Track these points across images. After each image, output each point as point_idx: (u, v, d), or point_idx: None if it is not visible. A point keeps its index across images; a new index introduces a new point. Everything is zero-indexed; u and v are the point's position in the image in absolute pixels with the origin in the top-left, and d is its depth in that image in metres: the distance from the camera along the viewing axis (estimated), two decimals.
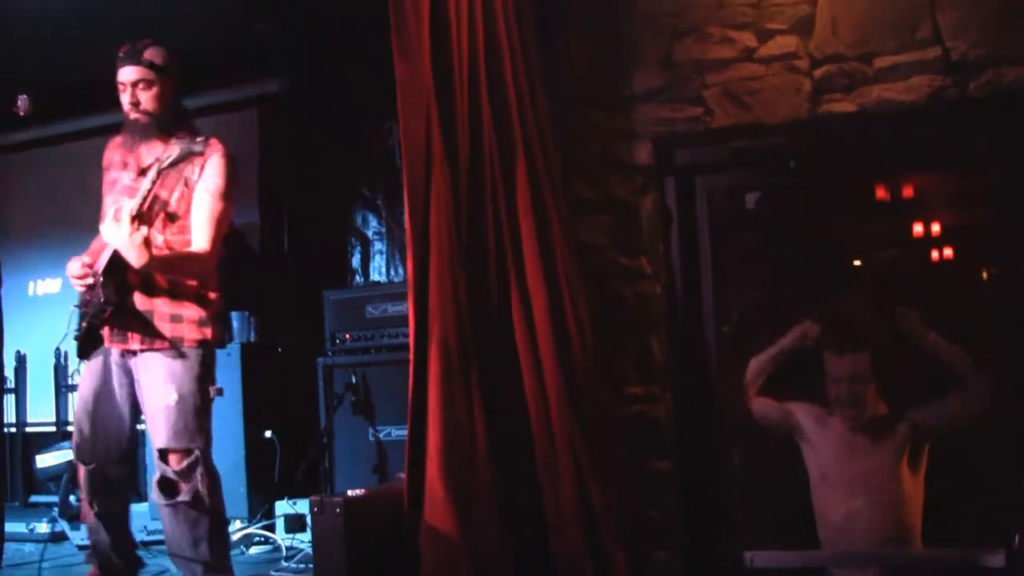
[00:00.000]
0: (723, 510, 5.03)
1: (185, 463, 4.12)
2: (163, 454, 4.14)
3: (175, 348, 4.16)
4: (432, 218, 4.19)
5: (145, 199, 4.06)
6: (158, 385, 4.15)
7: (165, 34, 6.37)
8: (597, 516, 4.17)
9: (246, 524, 5.84)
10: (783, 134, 4.95)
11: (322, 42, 6.75)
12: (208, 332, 4.25)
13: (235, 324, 6.24)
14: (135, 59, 4.25)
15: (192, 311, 4.22)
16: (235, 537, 5.70)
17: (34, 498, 7.54)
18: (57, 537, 5.99)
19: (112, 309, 4.12)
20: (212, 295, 4.30)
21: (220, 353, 6.00)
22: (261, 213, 7.30)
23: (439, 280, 4.11)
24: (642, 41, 5.13)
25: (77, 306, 4.25)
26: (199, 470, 4.12)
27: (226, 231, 4.33)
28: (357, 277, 7.04)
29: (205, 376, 4.22)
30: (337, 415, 5.79)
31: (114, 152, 4.44)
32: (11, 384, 7.68)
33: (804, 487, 4.72)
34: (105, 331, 4.23)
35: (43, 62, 6.70)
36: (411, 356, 4.16)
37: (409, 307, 4.20)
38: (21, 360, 7.71)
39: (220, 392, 4.32)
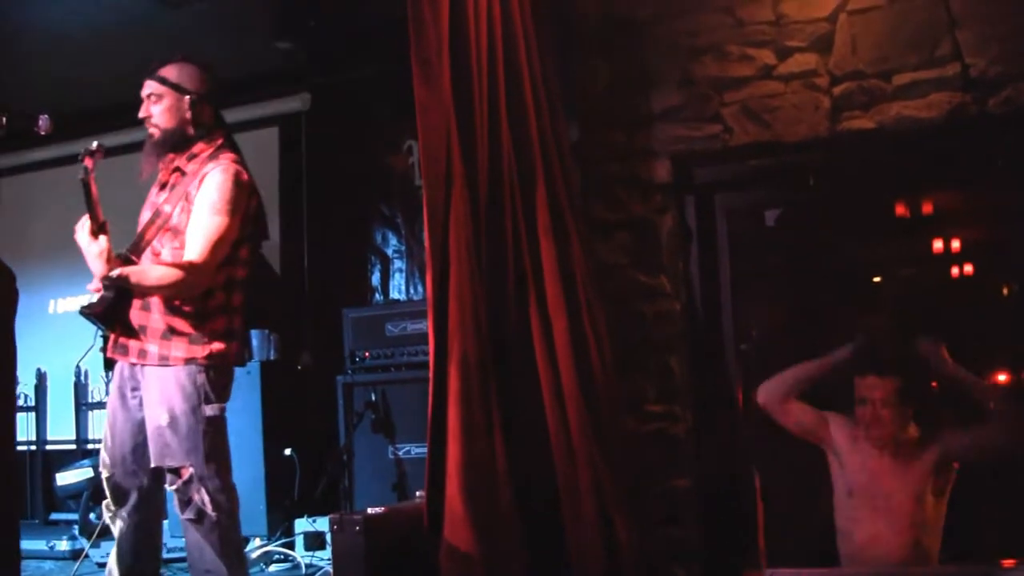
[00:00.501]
0: (743, 528, 5.01)
1: (179, 482, 4.09)
2: (171, 472, 4.13)
3: (164, 366, 4.12)
4: (452, 237, 4.19)
5: (93, 211, 4.00)
6: (153, 404, 4.13)
7: (187, 52, 6.50)
8: (618, 537, 4.15)
9: (265, 542, 5.85)
10: (802, 152, 4.94)
11: (344, 61, 6.78)
12: (199, 351, 4.15)
13: (255, 342, 6.25)
14: (150, 73, 4.29)
15: (185, 329, 4.15)
16: (254, 555, 5.71)
17: (55, 515, 7.57)
18: (77, 555, 6.00)
19: (109, 318, 4.10)
20: (211, 313, 4.21)
21: (240, 371, 6.06)
22: (282, 231, 7.33)
23: (459, 299, 4.11)
24: (660, 60, 5.14)
25: (86, 315, 4.16)
26: (195, 487, 4.08)
27: (226, 247, 4.17)
28: (377, 295, 7.05)
29: (198, 395, 4.13)
30: (357, 433, 5.80)
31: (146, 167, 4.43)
32: (32, 402, 7.72)
33: (825, 505, 4.71)
34: (109, 342, 4.23)
35: (64, 81, 6.75)
36: (431, 374, 4.16)
37: (429, 325, 4.20)
38: (41, 378, 7.75)
39: (222, 411, 4.21)
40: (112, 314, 4.11)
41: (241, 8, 6.06)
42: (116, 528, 4.31)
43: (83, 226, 4.03)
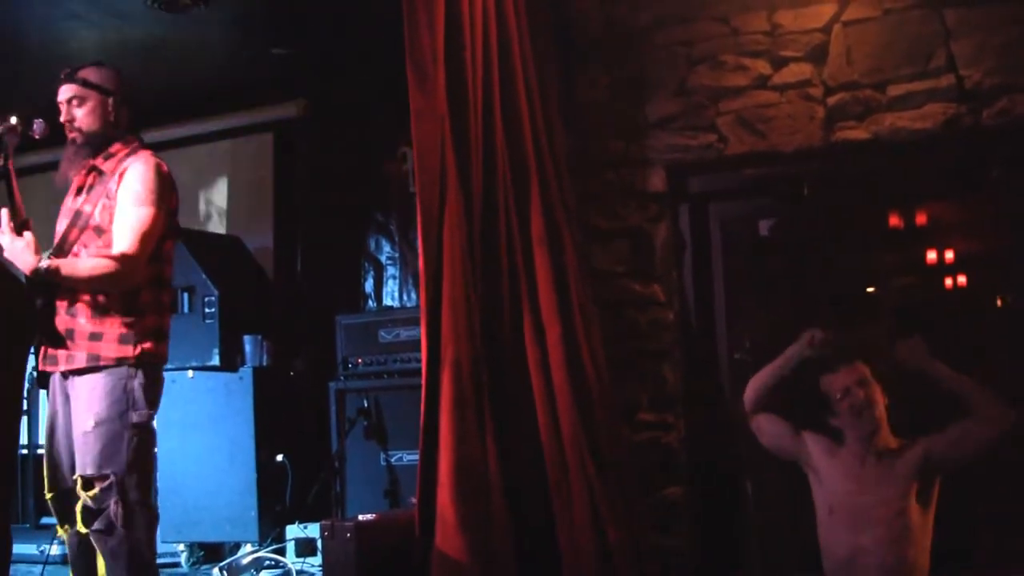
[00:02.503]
0: (736, 537, 5.01)
1: (99, 488, 3.90)
2: (84, 483, 3.93)
3: (94, 368, 3.98)
4: (446, 244, 4.19)
5: (14, 204, 3.94)
6: (80, 411, 3.98)
7: (183, 59, 6.50)
8: (610, 544, 4.15)
9: (256, 548, 5.83)
10: (797, 161, 4.96)
11: (339, 68, 6.77)
12: (129, 350, 4.00)
13: (248, 348, 6.23)
14: (69, 77, 4.19)
15: (114, 329, 4.00)
16: (245, 560, 5.70)
17: (45, 520, 7.53)
18: (68, 559, 5.97)
19: (39, 329, 3.98)
20: (140, 311, 4.06)
21: (232, 377, 6.09)
22: (275, 237, 7.32)
23: (452, 306, 4.11)
24: (657, 69, 5.16)
25: None
26: (113, 497, 3.89)
27: (154, 240, 4.04)
28: (370, 302, 7.04)
29: (127, 399, 3.98)
30: (349, 439, 5.78)
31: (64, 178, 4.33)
32: (23, 406, 7.69)
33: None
34: (40, 356, 4.09)
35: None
36: (423, 381, 4.16)
37: (422, 332, 4.20)
38: (33, 382, 7.71)
39: (150, 418, 4.04)
40: (41, 324, 3.99)
41: (237, 14, 6.05)
42: (68, 547, 4.13)
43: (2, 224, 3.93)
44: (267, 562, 5.74)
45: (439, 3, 4.30)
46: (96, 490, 3.91)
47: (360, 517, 4.20)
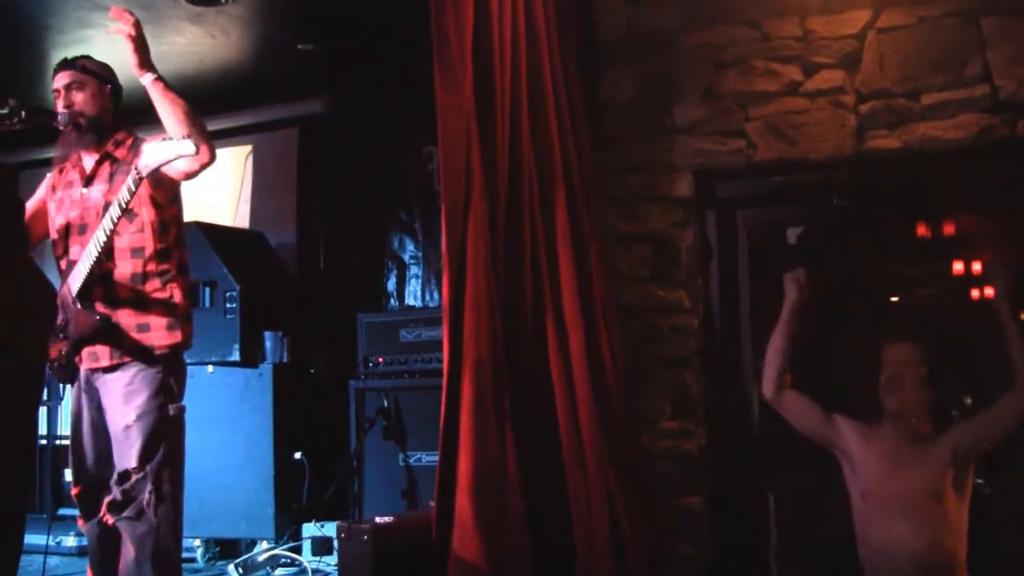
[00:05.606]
0: (757, 546, 4.96)
1: (135, 479, 3.97)
2: (121, 476, 3.99)
3: (144, 359, 4.04)
4: (470, 243, 4.15)
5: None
6: (117, 406, 4.03)
7: (208, 52, 6.48)
8: (628, 551, 4.12)
9: (272, 545, 5.81)
10: (826, 169, 4.91)
11: (364, 64, 6.75)
12: (179, 335, 4.10)
13: (268, 344, 6.21)
14: (67, 65, 4.22)
15: (157, 319, 4.08)
16: (261, 558, 5.68)
17: (62, 511, 7.54)
18: (84, 551, 5.97)
19: (101, 326, 4.01)
20: (177, 299, 4.13)
21: (251, 373, 6.07)
22: (298, 233, 7.30)
23: (475, 306, 4.07)
24: (685, 73, 5.11)
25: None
26: (148, 487, 3.96)
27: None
28: (392, 301, 7.02)
29: (167, 391, 4.06)
30: (368, 439, 5.75)
31: (55, 178, 4.34)
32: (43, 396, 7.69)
33: (839, 523, 4.62)
34: (77, 351, 4.12)
35: None
36: (444, 382, 4.12)
37: (444, 332, 4.16)
38: (50, 374, 7.70)
39: (182, 411, 4.12)
40: (78, 320, 4.03)
41: (264, 9, 6.03)
42: (88, 539, 4.20)
43: None
44: (283, 560, 5.73)
45: (468, 0, 4.27)
46: (132, 480, 3.97)
47: (378, 519, 4.17)
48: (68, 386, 4.29)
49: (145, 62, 4.04)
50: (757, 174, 5.03)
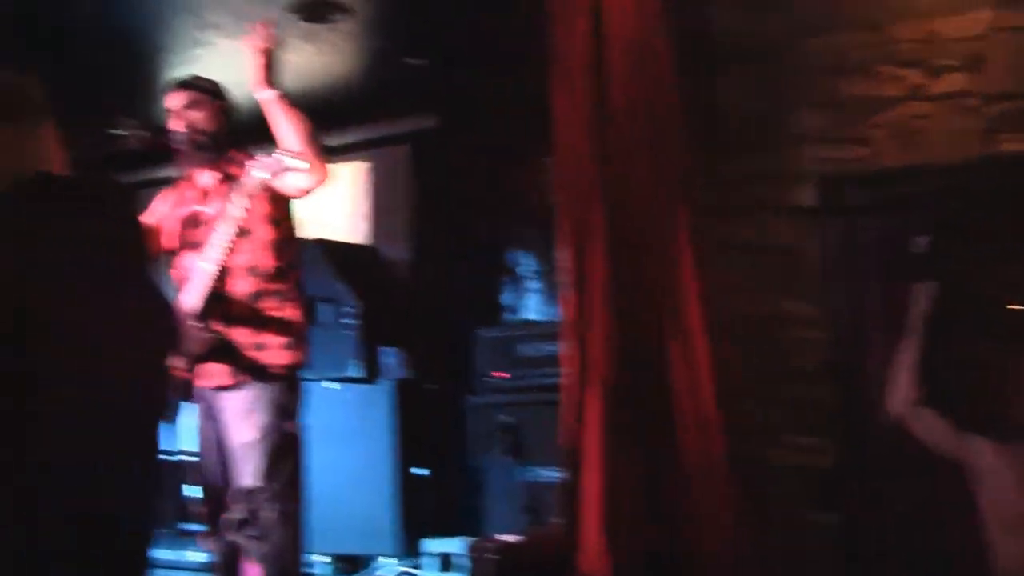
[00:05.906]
0: (890, 566, 4.84)
1: (256, 498, 4.03)
2: (241, 494, 4.06)
3: (261, 378, 4.08)
4: (588, 258, 4.13)
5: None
6: (237, 423, 4.08)
7: (320, 68, 6.54)
8: (753, 568, 4.05)
9: (394, 562, 5.83)
10: (954, 175, 4.78)
11: (476, 77, 6.75)
12: (296, 354, 4.15)
13: (387, 360, 6.24)
14: (183, 85, 4.28)
15: (275, 338, 4.12)
16: (380, 574, 5.71)
17: (183, 526, 7.65)
18: (206, 567, 6.04)
19: (216, 344, 4.06)
20: (294, 317, 4.19)
21: (370, 389, 6.10)
22: (414, 249, 7.33)
23: (599, 322, 4.03)
24: (806, 79, 5.02)
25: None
26: (269, 506, 4.01)
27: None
28: (509, 315, 7.01)
29: (287, 410, 4.11)
30: (487, 454, 5.75)
31: (171, 196, 4.40)
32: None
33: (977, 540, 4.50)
34: (196, 369, 4.15)
35: None
36: (564, 399, 4.09)
37: (564, 348, 4.13)
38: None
39: (300, 428, 4.16)
40: (195, 339, 4.04)
41: (373, 24, 6.08)
42: (215, 555, 4.26)
43: None
44: None
45: (585, 8, 4.23)
46: (253, 499, 4.02)
47: (504, 538, 4.16)
48: (184, 403, 4.34)
49: (270, 78, 4.10)
50: (882, 182, 4.92)
